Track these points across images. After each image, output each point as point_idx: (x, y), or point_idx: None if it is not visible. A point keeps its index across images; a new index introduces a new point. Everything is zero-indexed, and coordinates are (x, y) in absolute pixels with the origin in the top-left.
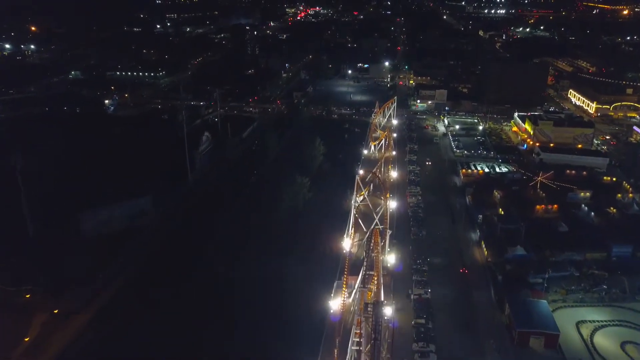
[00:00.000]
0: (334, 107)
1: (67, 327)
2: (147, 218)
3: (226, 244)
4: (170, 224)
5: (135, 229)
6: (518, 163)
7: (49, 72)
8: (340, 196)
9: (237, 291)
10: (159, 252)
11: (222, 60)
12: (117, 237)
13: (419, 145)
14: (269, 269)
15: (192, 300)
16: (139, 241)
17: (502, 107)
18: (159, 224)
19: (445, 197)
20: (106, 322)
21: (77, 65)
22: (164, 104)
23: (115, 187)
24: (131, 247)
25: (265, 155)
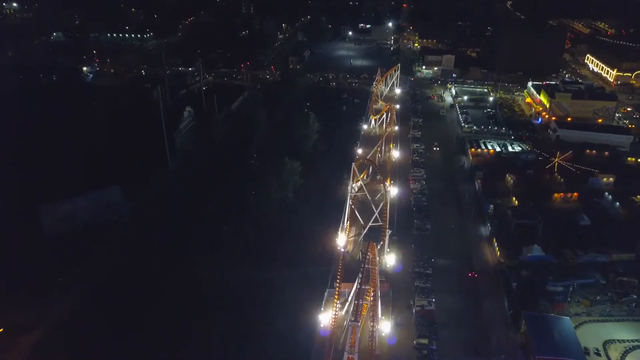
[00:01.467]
0: (332, 74)
1: (11, 349)
2: (117, 212)
3: (207, 243)
4: (144, 219)
5: (105, 225)
6: (532, 141)
7: (30, 34)
8: (336, 181)
9: (215, 300)
10: (130, 253)
11: (214, 21)
12: (83, 234)
13: (423, 119)
14: (253, 273)
15: (164, 314)
16: (107, 240)
17: (514, 74)
18: (131, 218)
19: (452, 182)
20: (62, 343)
21: (60, 27)
22: (149, 71)
23: (80, 174)
24: (98, 248)
25: (254, 134)
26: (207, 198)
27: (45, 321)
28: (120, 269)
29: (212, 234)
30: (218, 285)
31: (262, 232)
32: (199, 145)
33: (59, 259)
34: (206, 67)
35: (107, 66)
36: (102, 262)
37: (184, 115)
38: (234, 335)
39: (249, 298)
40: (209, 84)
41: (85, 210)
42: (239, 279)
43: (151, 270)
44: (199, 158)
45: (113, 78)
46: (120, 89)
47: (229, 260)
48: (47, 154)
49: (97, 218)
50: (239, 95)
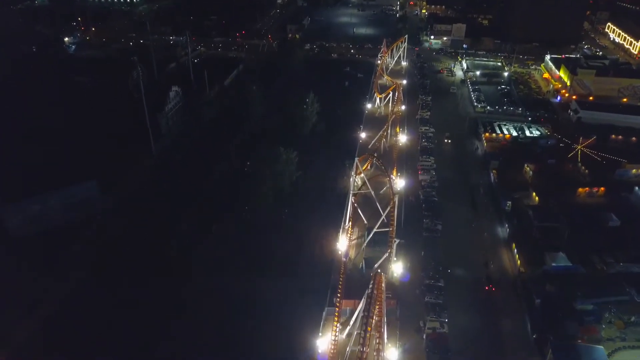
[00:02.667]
0: (333, 43)
1: None
2: (93, 208)
3: (192, 244)
4: (123, 216)
5: (79, 223)
6: (551, 123)
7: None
8: (336, 170)
9: (198, 314)
10: (103, 258)
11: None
12: (55, 235)
13: (432, 97)
14: (242, 283)
15: (130, 336)
16: (82, 241)
17: (530, 45)
18: (109, 216)
19: (465, 171)
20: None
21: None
22: (137, 40)
23: (51, 167)
24: (71, 251)
25: (248, 115)
26: (194, 191)
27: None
28: (90, 279)
29: (198, 233)
30: (201, 295)
31: (254, 231)
32: (187, 129)
33: (28, 266)
34: (199, 37)
35: (92, 35)
36: (73, 267)
37: (170, 96)
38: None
39: (236, 314)
40: (201, 56)
41: (57, 208)
42: (225, 289)
43: (125, 278)
44: (186, 143)
45: (97, 49)
46: (108, 59)
47: (217, 265)
48: (12, 144)
49: (70, 216)
50: (233, 69)
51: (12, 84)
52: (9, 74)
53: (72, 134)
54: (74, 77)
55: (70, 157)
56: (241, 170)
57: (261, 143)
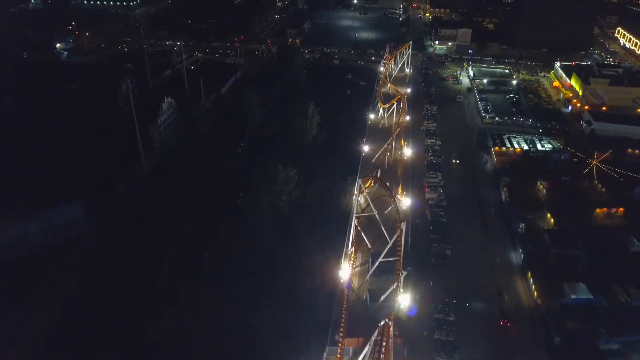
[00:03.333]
0: (335, 48)
1: None
2: (78, 231)
3: (182, 272)
4: (111, 238)
5: (65, 246)
6: (563, 135)
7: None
8: (338, 186)
9: (186, 353)
10: (90, 283)
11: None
12: (37, 260)
13: (438, 106)
14: (233, 319)
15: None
16: (65, 266)
17: (538, 51)
18: (95, 238)
19: (474, 188)
20: None
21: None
22: (132, 44)
23: (32, 187)
24: (55, 276)
25: (246, 127)
26: (186, 211)
27: None
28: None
29: (189, 259)
30: (190, 330)
31: (249, 257)
32: (180, 142)
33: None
34: (196, 41)
35: (86, 40)
36: (56, 293)
37: (163, 108)
38: None
39: (228, 352)
40: (198, 62)
41: (38, 233)
42: (216, 323)
43: (108, 311)
44: (179, 158)
45: (90, 55)
46: (101, 65)
47: (207, 295)
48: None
49: (53, 240)
50: (230, 76)
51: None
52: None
53: (57, 148)
54: (65, 85)
55: (54, 173)
56: (237, 189)
57: (258, 158)
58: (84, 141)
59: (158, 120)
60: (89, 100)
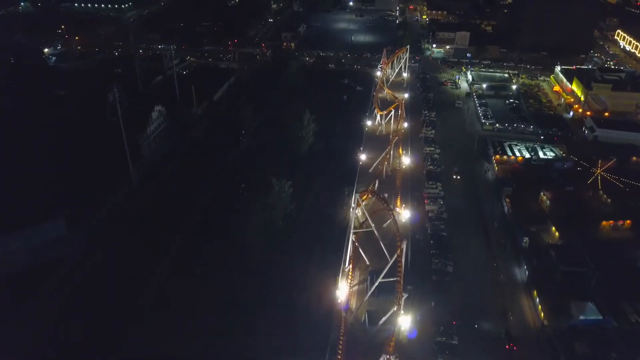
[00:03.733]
0: (331, 52)
1: None
2: (62, 249)
3: (170, 291)
4: (94, 259)
5: (49, 266)
6: (566, 142)
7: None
8: (335, 198)
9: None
10: (74, 307)
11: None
12: (19, 280)
13: (437, 112)
14: (224, 344)
15: None
16: (48, 288)
17: (538, 54)
18: (80, 256)
19: (475, 198)
20: None
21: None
22: (123, 48)
23: (15, 202)
24: (38, 298)
25: (237, 137)
26: (174, 226)
27: None
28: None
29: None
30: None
31: (241, 274)
32: (170, 152)
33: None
34: (189, 45)
35: (76, 44)
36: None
37: (153, 117)
38: None
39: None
40: (191, 67)
41: (17, 254)
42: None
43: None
44: (169, 169)
45: (79, 60)
46: (91, 70)
47: (197, 318)
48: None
49: (34, 260)
50: (224, 81)
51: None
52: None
53: (41, 161)
54: (52, 92)
55: (37, 188)
56: (228, 202)
57: (252, 171)
58: (70, 152)
59: (147, 130)
60: (77, 107)
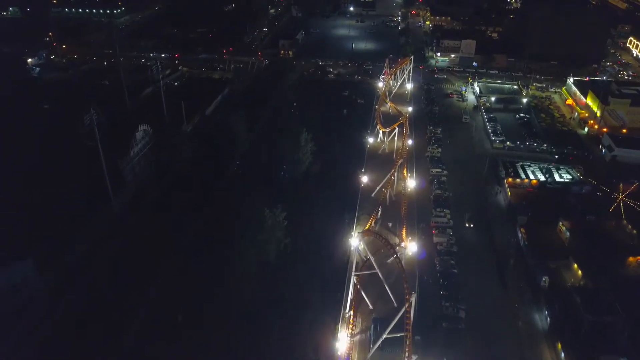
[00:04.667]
0: (330, 61)
1: None
2: (29, 293)
3: (151, 341)
4: (65, 305)
5: (8, 316)
6: (582, 162)
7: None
8: (334, 228)
9: None
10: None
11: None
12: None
13: (443, 127)
14: None
15: None
16: (12, 340)
17: (547, 64)
18: (50, 300)
19: (487, 230)
20: None
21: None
22: (114, 57)
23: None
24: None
25: (231, 154)
26: (158, 262)
27: None
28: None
29: (160, 323)
30: None
31: (229, 322)
32: (156, 175)
33: None
34: (183, 53)
35: (61, 53)
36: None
37: (137, 137)
38: None
39: None
40: (183, 77)
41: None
42: None
43: None
44: (154, 195)
45: (65, 70)
46: (76, 82)
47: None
48: None
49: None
50: (217, 93)
51: None
52: None
53: (11, 188)
54: (36, 105)
55: (5, 221)
56: (216, 237)
57: (243, 196)
58: (44, 179)
59: (131, 152)
60: (56, 125)
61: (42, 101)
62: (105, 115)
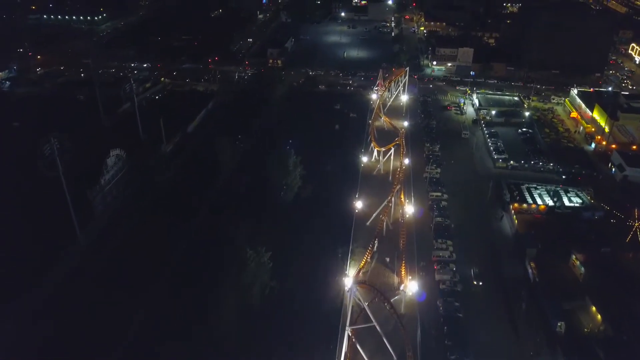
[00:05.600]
0: (321, 71)
1: None
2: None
3: None
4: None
5: None
6: (592, 184)
7: None
8: (325, 263)
9: None
10: None
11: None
12: None
13: (441, 144)
14: None
15: None
16: None
17: (548, 72)
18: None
19: (494, 264)
20: None
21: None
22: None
23: None
24: None
25: (213, 178)
26: (129, 309)
27: None
28: None
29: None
30: None
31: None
32: (133, 203)
33: None
34: (166, 62)
35: (36, 64)
36: None
37: (108, 164)
38: None
39: None
40: (165, 90)
41: None
42: None
43: None
44: (127, 228)
45: (38, 84)
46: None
47: None
48: None
49: None
50: (201, 108)
51: None
52: None
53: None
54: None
55: None
56: (195, 274)
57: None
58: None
59: (101, 180)
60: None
61: (12, 119)
62: (73, 139)
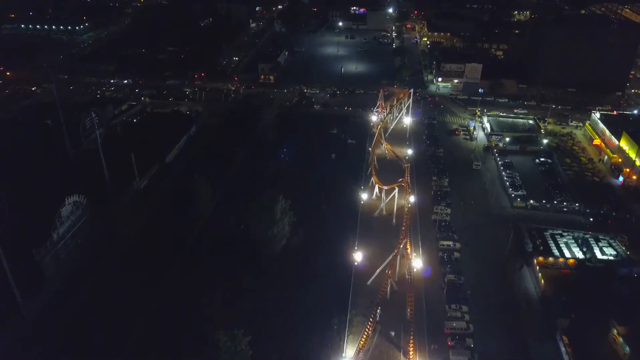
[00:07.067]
0: (316, 89)
1: None
2: None
3: None
4: None
5: None
6: (624, 229)
7: None
8: (319, 339)
9: None
10: None
11: (169, 4)
12: None
13: (450, 175)
14: None
15: None
16: None
17: (564, 91)
18: None
19: (518, 336)
20: None
21: None
22: (69, 83)
23: None
24: None
25: (191, 223)
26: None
27: None
28: None
29: None
30: None
31: None
32: (90, 263)
33: None
34: (148, 78)
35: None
36: None
37: (63, 215)
38: None
39: None
40: (143, 111)
41: None
42: None
43: None
44: (84, 292)
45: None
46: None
47: None
48: None
49: None
50: (183, 133)
51: None
52: None
53: None
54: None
55: None
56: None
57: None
58: None
59: (54, 235)
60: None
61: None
62: (23, 182)
